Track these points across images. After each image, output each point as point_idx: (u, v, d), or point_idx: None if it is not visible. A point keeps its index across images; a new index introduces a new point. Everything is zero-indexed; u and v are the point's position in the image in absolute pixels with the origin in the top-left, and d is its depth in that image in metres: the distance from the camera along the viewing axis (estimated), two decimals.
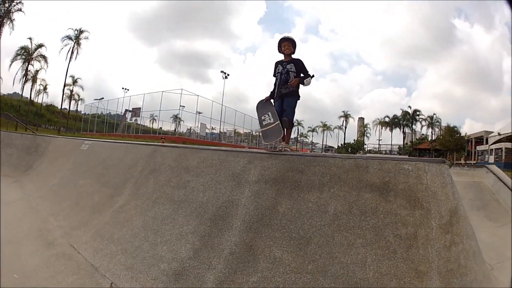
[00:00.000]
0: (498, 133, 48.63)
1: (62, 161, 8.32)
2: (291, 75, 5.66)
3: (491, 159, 50.85)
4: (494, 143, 50.05)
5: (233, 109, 75.55)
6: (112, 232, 4.32)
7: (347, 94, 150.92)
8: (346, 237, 3.12)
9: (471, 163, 57.30)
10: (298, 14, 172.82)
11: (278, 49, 5.88)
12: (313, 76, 5.71)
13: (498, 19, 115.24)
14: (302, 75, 5.69)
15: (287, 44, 5.79)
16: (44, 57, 61.26)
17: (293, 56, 5.89)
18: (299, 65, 5.74)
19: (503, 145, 48.81)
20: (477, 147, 59.82)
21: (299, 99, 5.80)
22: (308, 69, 5.74)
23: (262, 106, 5.81)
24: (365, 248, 3.01)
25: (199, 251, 3.48)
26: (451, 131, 66.80)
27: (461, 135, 66.41)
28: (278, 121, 5.37)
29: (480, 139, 61.72)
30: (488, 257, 4.18)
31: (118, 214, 4.64)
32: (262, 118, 5.76)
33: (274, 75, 5.92)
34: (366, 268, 2.88)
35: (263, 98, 5.92)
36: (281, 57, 5.89)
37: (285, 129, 5.66)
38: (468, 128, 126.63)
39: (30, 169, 9.34)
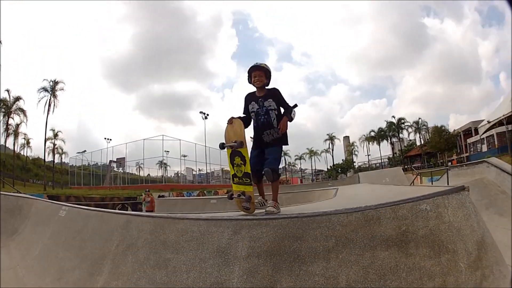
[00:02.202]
0: (488, 121, 49.25)
1: (43, 228, 7.75)
2: (271, 114, 4.62)
3: (484, 148, 52.55)
4: (485, 131, 50.63)
5: (217, 148, 77.05)
6: None
7: (329, 115, 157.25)
8: None
9: (463, 157, 57.78)
10: (269, 43, 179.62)
11: (248, 80, 4.83)
12: (295, 106, 4.77)
13: (467, 7, 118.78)
14: (281, 109, 4.70)
15: (258, 74, 4.69)
16: (22, 111, 60.49)
17: (267, 87, 4.82)
18: (277, 98, 4.68)
19: (493, 131, 49.85)
20: (467, 139, 61.00)
21: (286, 144, 4.81)
22: (285, 99, 4.77)
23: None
24: None
25: None
26: (439, 131, 66.91)
27: (450, 133, 66.50)
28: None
29: (468, 131, 62.94)
30: (507, 257, 3.72)
31: None
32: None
33: (245, 113, 4.86)
34: None
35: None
36: (252, 88, 4.88)
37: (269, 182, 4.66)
38: (453, 123, 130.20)
39: (15, 234, 8.72)
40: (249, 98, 4.86)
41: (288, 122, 4.61)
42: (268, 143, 4.65)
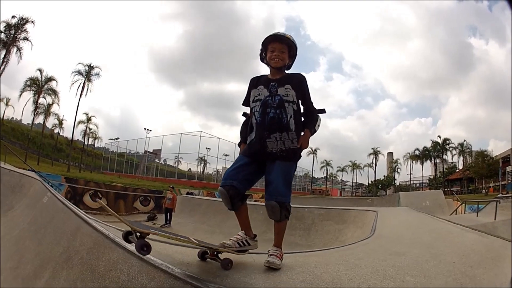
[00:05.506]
0: None
1: (29, 210, 7.59)
2: (288, 109, 2.95)
3: None
4: None
5: None
6: None
7: (375, 129, 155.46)
8: None
9: (499, 185, 55.22)
10: (321, 53, 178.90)
11: (261, 55, 3.18)
12: (323, 111, 3.22)
13: (510, 29, 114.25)
14: (301, 107, 3.10)
15: (278, 48, 3.03)
16: (54, 92, 60.56)
17: (288, 72, 3.18)
18: (301, 89, 3.03)
19: None
20: (507, 168, 58.07)
21: (299, 158, 3.09)
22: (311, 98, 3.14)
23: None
24: None
25: None
26: (483, 156, 63.89)
27: (493, 158, 63.34)
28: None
29: (507, 159, 59.91)
30: None
31: None
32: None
33: (247, 104, 3.22)
34: None
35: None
36: (254, 73, 3.27)
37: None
38: (493, 149, 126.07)
39: (10, 210, 8.64)
40: (255, 81, 3.17)
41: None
42: (274, 155, 2.94)
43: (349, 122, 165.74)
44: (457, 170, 79.92)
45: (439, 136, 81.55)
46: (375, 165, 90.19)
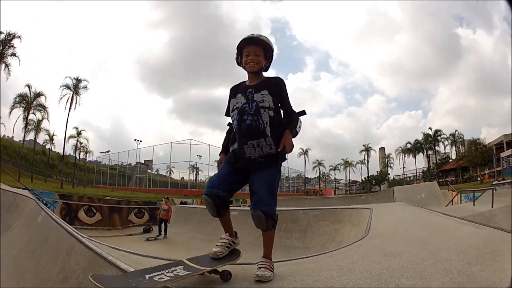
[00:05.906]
0: None
1: (26, 230, 7.61)
2: (264, 116, 2.92)
3: None
4: None
5: None
6: None
7: (365, 126, 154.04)
8: None
9: (494, 172, 55.59)
10: (307, 53, 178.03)
11: (237, 59, 3.16)
12: (303, 113, 3.26)
13: (497, 17, 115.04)
14: (281, 111, 3.09)
15: (253, 51, 3.02)
16: (44, 107, 59.69)
17: (266, 74, 3.19)
18: (278, 92, 3.01)
19: None
20: (500, 154, 58.39)
21: (284, 160, 3.11)
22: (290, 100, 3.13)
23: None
24: None
25: None
26: (476, 144, 64.10)
27: (486, 146, 63.55)
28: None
29: (500, 145, 60.58)
30: None
31: None
32: None
33: (229, 114, 3.17)
34: None
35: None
36: (242, 77, 3.26)
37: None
38: (485, 136, 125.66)
39: (8, 230, 8.61)
40: (234, 90, 3.16)
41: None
42: (253, 161, 2.98)
43: (339, 120, 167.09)
44: (451, 160, 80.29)
45: (430, 128, 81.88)
46: (367, 162, 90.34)
